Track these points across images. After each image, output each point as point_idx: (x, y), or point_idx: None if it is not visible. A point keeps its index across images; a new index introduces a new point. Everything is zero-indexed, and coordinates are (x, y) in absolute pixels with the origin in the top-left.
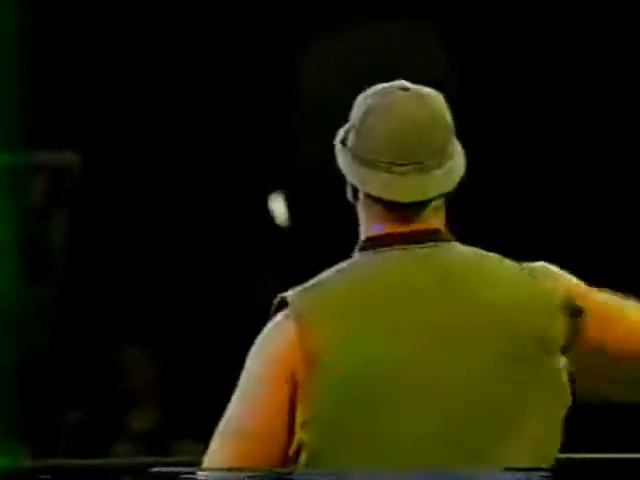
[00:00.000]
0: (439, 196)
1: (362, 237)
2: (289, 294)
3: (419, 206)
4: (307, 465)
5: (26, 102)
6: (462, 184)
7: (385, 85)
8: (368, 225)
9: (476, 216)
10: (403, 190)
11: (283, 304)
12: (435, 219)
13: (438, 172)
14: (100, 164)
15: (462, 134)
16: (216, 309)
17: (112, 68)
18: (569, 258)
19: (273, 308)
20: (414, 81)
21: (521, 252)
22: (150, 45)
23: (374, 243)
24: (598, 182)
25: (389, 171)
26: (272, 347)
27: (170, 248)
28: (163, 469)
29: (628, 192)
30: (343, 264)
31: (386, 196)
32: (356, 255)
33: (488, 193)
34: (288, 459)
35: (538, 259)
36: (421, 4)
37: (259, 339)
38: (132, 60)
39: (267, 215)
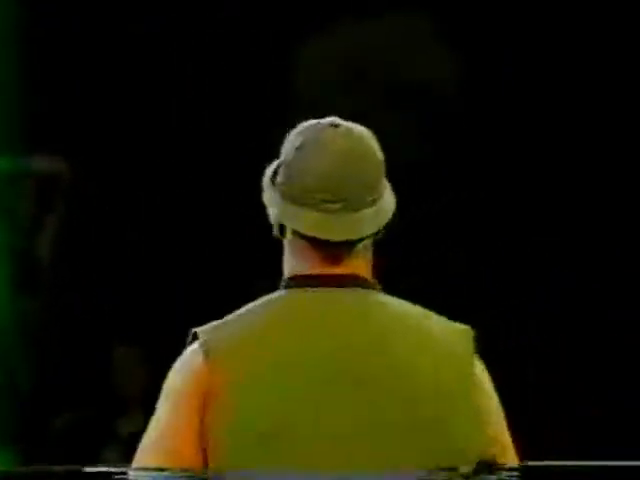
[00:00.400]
0: (369, 235)
1: (287, 274)
2: (201, 329)
3: (350, 245)
4: None
5: (17, 109)
6: (464, 183)
7: (316, 121)
8: (295, 262)
9: (476, 215)
10: (334, 229)
11: (195, 338)
12: (363, 261)
13: (369, 210)
14: (91, 170)
15: (461, 132)
16: (211, 312)
17: (101, 75)
18: (568, 258)
19: (187, 341)
20: (414, 79)
21: (520, 252)
22: (145, 47)
23: (298, 282)
24: (599, 182)
25: (319, 209)
26: (188, 371)
27: (166, 251)
28: (93, 469)
29: (628, 192)
30: (264, 300)
31: (317, 234)
32: (280, 292)
33: (487, 192)
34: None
35: (537, 260)
36: (420, 2)
37: (176, 364)
38: (122, 67)
39: (265, 216)
